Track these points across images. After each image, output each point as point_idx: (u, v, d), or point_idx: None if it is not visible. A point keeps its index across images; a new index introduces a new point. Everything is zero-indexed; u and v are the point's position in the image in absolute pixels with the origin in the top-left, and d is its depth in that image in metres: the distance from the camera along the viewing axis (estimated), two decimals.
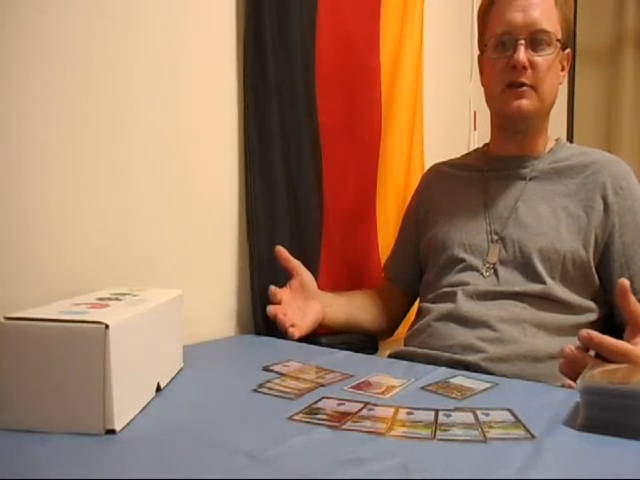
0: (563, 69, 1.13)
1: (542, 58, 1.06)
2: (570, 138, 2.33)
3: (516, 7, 1.06)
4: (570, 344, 0.80)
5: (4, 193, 0.84)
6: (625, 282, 0.84)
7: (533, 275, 1.03)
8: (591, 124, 2.42)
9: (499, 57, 1.08)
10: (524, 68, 1.05)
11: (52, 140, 0.89)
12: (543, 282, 1.02)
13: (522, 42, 1.05)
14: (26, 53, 0.85)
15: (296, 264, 1.14)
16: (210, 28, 1.11)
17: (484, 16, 1.14)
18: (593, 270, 1.04)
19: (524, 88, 1.06)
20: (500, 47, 1.08)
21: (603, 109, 2.43)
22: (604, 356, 0.77)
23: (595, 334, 0.79)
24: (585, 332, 0.78)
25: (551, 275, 1.03)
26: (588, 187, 1.07)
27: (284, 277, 1.14)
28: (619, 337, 0.88)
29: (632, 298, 0.84)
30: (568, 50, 1.13)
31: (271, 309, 1.08)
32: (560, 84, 1.13)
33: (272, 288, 1.10)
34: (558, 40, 1.07)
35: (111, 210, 0.96)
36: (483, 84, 1.17)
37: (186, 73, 1.07)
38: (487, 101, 1.16)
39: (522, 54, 1.04)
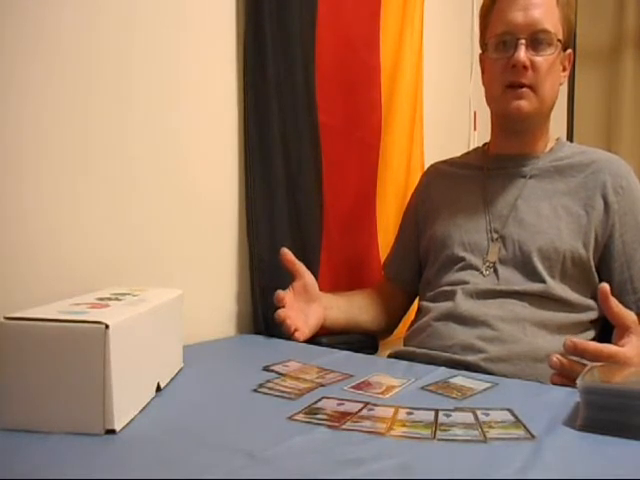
0: (564, 69, 1.13)
1: (543, 58, 1.06)
2: (570, 138, 2.33)
3: (517, 7, 1.06)
4: (557, 353, 0.81)
5: (4, 193, 0.84)
6: (605, 287, 0.86)
7: (533, 274, 1.03)
8: (591, 124, 2.42)
9: (499, 57, 1.08)
10: (524, 68, 1.04)
11: (51, 141, 0.89)
12: (543, 281, 1.02)
13: (523, 42, 1.05)
14: (25, 54, 0.85)
15: (300, 267, 1.14)
16: (210, 28, 1.11)
17: (486, 15, 1.13)
18: (593, 269, 1.04)
19: (523, 89, 1.06)
20: (501, 47, 1.08)
21: (603, 109, 2.43)
22: (591, 361, 0.77)
23: (579, 341, 0.80)
24: (569, 341, 0.80)
25: (551, 274, 1.03)
26: (588, 186, 1.07)
27: (284, 277, 1.14)
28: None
29: (614, 301, 0.85)
30: (569, 51, 1.13)
31: (280, 313, 1.06)
32: (561, 84, 1.13)
33: (279, 292, 1.08)
34: (559, 40, 1.07)
35: (111, 210, 0.96)
36: (484, 83, 1.17)
37: (186, 73, 1.07)
38: (487, 101, 1.16)
39: (522, 54, 1.04)
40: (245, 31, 1.13)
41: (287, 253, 1.12)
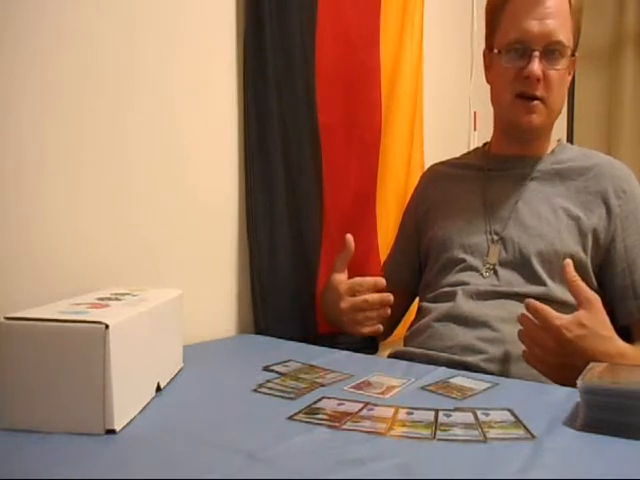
0: (569, 73, 1.12)
1: (555, 71, 1.04)
2: (570, 139, 2.33)
3: (533, 15, 1.04)
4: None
5: (4, 194, 0.84)
6: (568, 262, 0.91)
7: (533, 277, 1.03)
8: (591, 125, 2.42)
9: (511, 66, 1.06)
10: (537, 80, 1.03)
11: (51, 141, 0.88)
12: (544, 284, 1.02)
13: (537, 54, 1.03)
14: (24, 58, 0.85)
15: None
16: (210, 28, 1.11)
17: (496, 13, 1.10)
18: (591, 273, 1.04)
19: (535, 102, 1.05)
20: (513, 54, 1.06)
21: (603, 110, 2.43)
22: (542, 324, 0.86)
23: (540, 306, 0.86)
24: (531, 301, 0.87)
25: (551, 276, 1.02)
26: (589, 190, 1.06)
27: (284, 277, 1.15)
28: (622, 339, 0.89)
29: (575, 276, 0.90)
30: (576, 54, 1.12)
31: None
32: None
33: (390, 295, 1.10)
34: (571, 50, 1.07)
35: (111, 210, 0.96)
36: (489, 82, 1.15)
37: (186, 73, 1.07)
38: (493, 104, 1.14)
39: (537, 66, 1.02)
40: (245, 31, 1.13)
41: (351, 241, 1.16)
